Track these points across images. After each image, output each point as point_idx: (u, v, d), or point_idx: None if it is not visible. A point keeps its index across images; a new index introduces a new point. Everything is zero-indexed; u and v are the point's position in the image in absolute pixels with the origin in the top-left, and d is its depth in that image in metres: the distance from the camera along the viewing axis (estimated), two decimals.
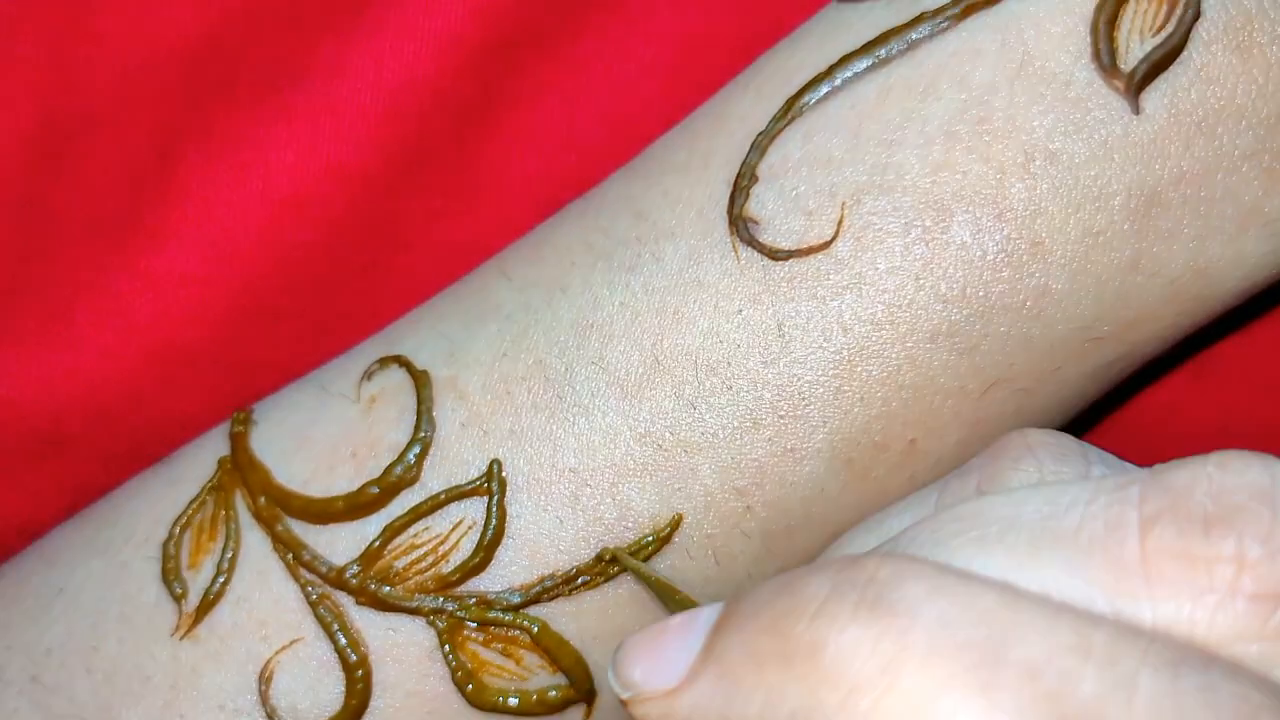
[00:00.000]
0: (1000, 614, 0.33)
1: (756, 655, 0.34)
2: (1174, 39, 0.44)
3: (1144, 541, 0.34)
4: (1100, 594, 0.34)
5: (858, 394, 0.44)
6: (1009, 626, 0.32)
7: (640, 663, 0.37)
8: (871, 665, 0.32)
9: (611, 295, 0.46)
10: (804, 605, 0.34)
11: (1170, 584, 0.34)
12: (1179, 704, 0.31)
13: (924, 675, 0.32)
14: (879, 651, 0.32)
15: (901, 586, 0.33)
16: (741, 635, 0.35)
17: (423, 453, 0.46)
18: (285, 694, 0.46)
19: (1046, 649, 0.32)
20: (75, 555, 0.49)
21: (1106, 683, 0.32)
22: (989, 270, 0.44)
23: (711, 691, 0.35)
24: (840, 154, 0.45)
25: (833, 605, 0.33)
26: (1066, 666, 0.32)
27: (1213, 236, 0.45)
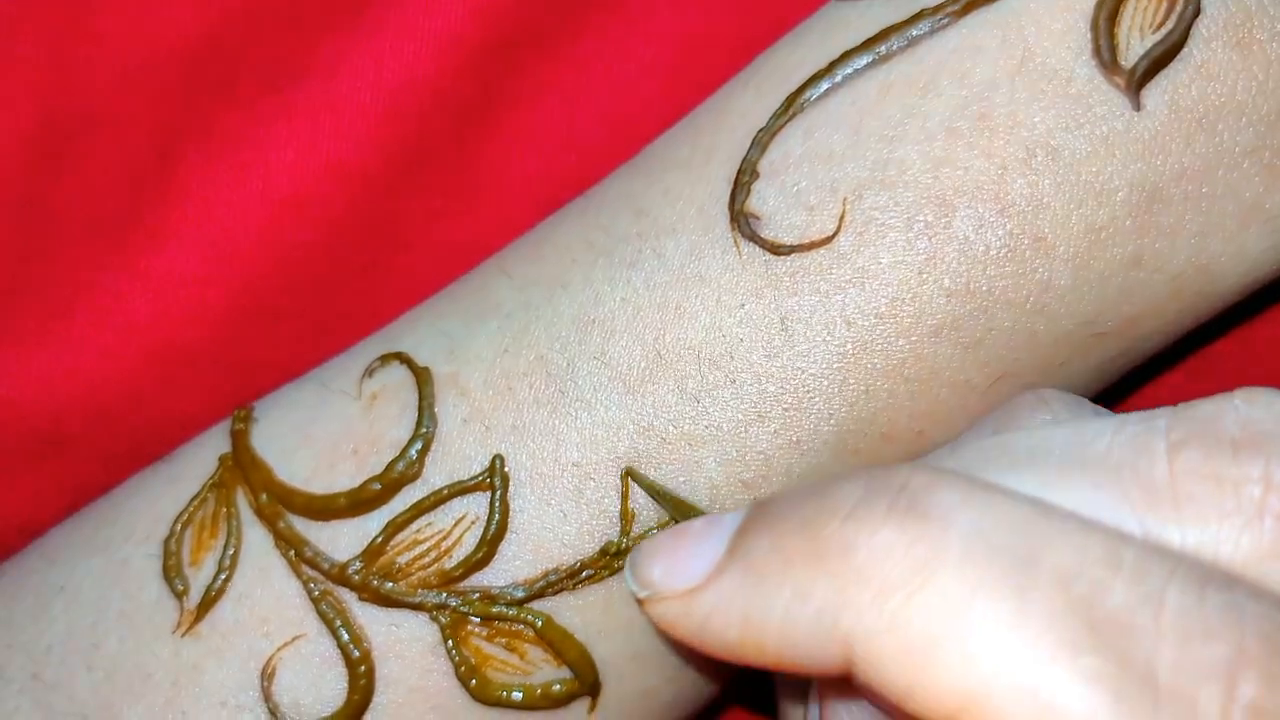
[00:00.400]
0: (1034, 524, 0.33)
1: (785, 553, 0.35)
2: (1174, 35, 0.44)
3: (1172, 464, 0.34)
4: (1130, 514, 0.34)
5: (863, 386, 0.45)
6: (1042, 536, 0.33)
7: (660, 562, 0.38)
8: (904, 567, 0.33)
9: (613, 291, 0.46)
10: (835, 508, 0.34)
11: (1198, 505, 0.34)
12: (1204, 620, 0.32)
13: (957, 578, 0.32)
14: (912, 554, 0.33)
15: (935, 494, 0.34)
16: (770, 535, 0.35)
17: (425, 449, 0.46)
18: (288, 690, 0.46)
19: (1078, 559, 0.33)
20: (76, 553, 0.49)
21: (1136, 595, 0.32)
22: (992, 265, 0.44)
23: (736, 588, 0.36)
24: (841, 150, 0.45)
25: (864, 509, 0.34)
26: (1097, 577, 0.32)
27: (1214, 233, 0.45)
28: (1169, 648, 0.32)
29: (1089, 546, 0.33)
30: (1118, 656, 0.31)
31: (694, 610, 0.37)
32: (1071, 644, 0.32)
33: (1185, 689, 0.31)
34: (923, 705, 0.33)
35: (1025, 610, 0.32)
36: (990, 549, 0.33)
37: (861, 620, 0.33)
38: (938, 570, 0.33)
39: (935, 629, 0.32)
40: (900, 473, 0.35)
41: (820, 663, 0.34)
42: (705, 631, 0.37)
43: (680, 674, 0.47)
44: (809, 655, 0.35)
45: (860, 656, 0.33)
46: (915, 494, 0.34)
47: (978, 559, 0.33)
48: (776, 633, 0.35)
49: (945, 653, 0.32)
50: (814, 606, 0.34)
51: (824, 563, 0.34)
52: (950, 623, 0.32)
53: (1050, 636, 0.32)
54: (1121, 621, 0.32)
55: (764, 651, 0.36)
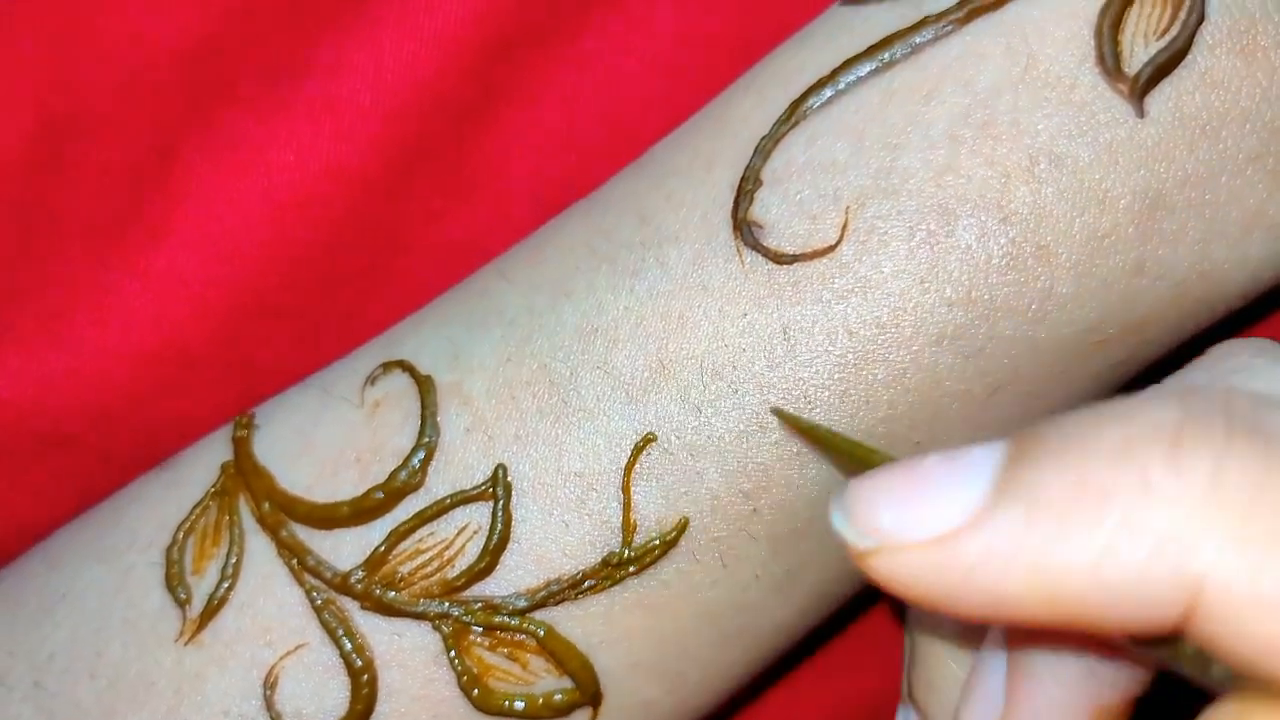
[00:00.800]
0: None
1: (1094, 485, 0.30)
2: (1178, 42, 0.44)
3: None
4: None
5: (863, 397, 0.45)
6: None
7: (891, 505, 0.32)
8: (1267, 497, 0.29)
9: (616, 300, 0.46)
10: (1154, 432, 0.30)
11: None
12: None
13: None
14: (1272, 482, 0.29)
15: (1271, 416, 0.30)
16: (1061, 466, 0.30)
17: (427, 458, 0.46)
18: (290, 699, 0.46)
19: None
20: (78, 560, 0.49)
21: None
22: (994, 274, 0.44)
23: (1020, 528, 0.30)
24: (844, 158, 0.45)
25: (1198, 431, 0.30)
26: None
27: (1217, 240, 0.45)
28: None
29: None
30: None
31: (954, 559, 0.31)
32: None
33: None
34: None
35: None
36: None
37: (1221, 560, 0.29)
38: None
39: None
40: (1216, 392, 0.30)
41: (1145, 617, 0.30)
42: (970, 584, 0.31)
43: (682, 685, 0.47)
44: (1131, 604, 0.30)
45: (1212, 604, 0.29)
46: (1248, 415, 0.30)
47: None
48: (1086, 577, 0.30)
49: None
50: (1149, 543, 0.29)
51: (1158, 492, 0.29)
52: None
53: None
54: None
55: (1060, 604, 0.30)
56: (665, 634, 0.46)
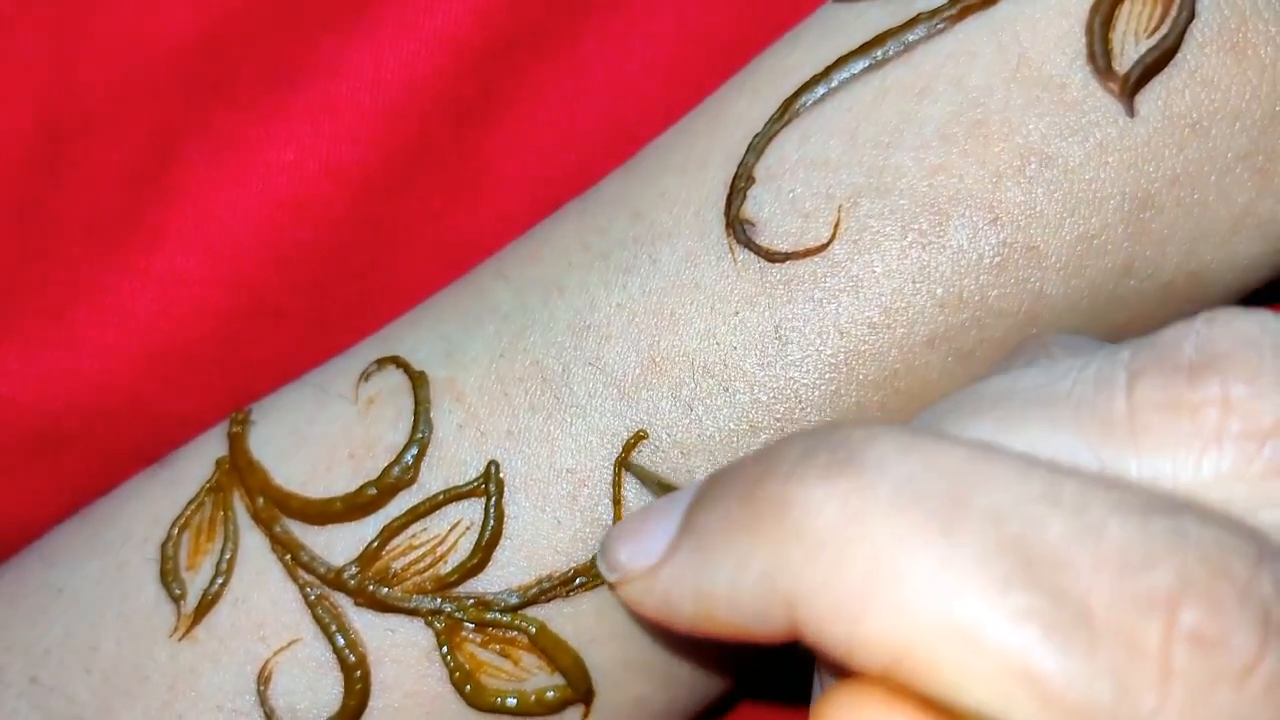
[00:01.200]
0: (968, 467, 0.33)
1: (728, 522, 0.34)
2: (1168, 41, 0.44)
3: (1130, 395, 0.34)
4: (1086, 451, 0.34)
5: (854, 398, 0.45)
6: (976, 478, 0.32)
7: (626, 545, 0.38)
8: (835, 520, 0.32)
9: (608, 296, 0.46)
10: (775, 469, 0.34)
11: (1155, 434, 0.33)
12: (1146, 548, 0.31)
13: (886, 525, 0.32)
14: (845, 507, 0.32)
15: (871, 447, 0.33)
16: (715, 506, 0.35)
17: (420, 454, 0.46)
18: (284, 694, 0.46)
19: (1013, 497, 0.32)
20: (74, 556, 0.49)
21: (1073, 529, 0.31)
22: (985, 274, 0.44)
23: (685, 565, 0.36)
24: (837, 156, 0.45)
25: (803, 467, 0.33)
26: (1032, 513, 0.32)
27: (1205, 239, 0.45)
28: (1107, 579, 0.31)
29: (1027, 484, 0.32)
30: (1051, 591, 0.31)
31: (654, 588, 0.37)
32: (1000, 581, 0.31)
33: (1123, 621, 0.31)
34: (864, 658, 0.32)
35: (953, 552, 0.31)
36: (921, 493, 0.32)
37: (799, 579, 0.33)
38: (868, 520, 0.32)
39: (868, 579, 0.32)
40: (839, 430, 0.34)
41: (770, 628, 0.34)
42: (667, 609, 0.37)
43: (673, 682, 0.47)
44: (757, 622, 0.34)
45: (802, 617, 0.33)
46: (852, 448, 0.33)
47: (907, 504, 0.32)
48: (725, 603, 0.35)
49: (878, 603, 0.32)
50: (755, 571, 0.33)
51: (761, 526, 0.33)
52: (881, 571, 0.32)
53: (978, 576, 0.31)
54: (1057, 556, 0.31)
55: (717, 623, 0.35)
56: (658, 631, 0.46)
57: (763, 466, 0.34)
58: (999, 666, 0.31)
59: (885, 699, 0.32)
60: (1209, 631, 0.31)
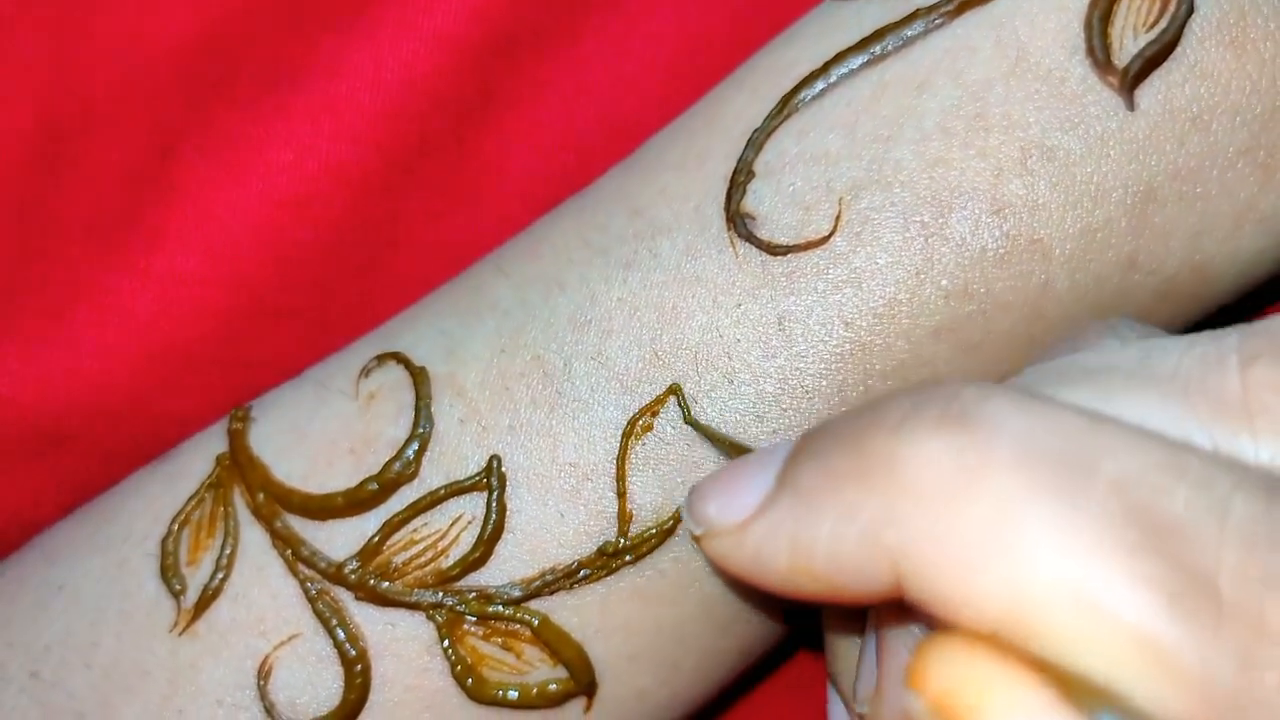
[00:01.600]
0: (1091, 431, 0.32)
1: (832, 475, 0.34)
2: (1168, 35, 0.44)
3: (1244, 377, 0.33)
4: (1198, 427, 0.33)
5: (861, 387, 0.45)
6: (1099, 442, 0.32)
7: (716, 498, 0.37)
8: (952, 474, 0.32)
9: (609, 291, 0.46)
10: (882, 422, 0.33)
11: (1271, 416, 0.33)
12: (1273, 529, 0.31)
13: (1007, 483, 0.31)
14: (961, 462, 0.32)
15: (986, 404, 0.33)
16: (817, 458, 0.34)
17: (421, 449, 0.46)
18: (284, 689, 0.46)
19: (1138, 465, 0.31)
20: (75, 552, 0.49)
21: (1199, 502, 0.31)
22: (990, 266, 0.44)
23: (783, 517, 0.35)
24: (836, 150, 0.45)
25: (913, 420, 0.33)
26: (1158, 482, 0.31)
27: (1208, 233, 0.45)
28: (1233, 555, 0.30)
29: (1150, 452, 0.32)
30: (1177, 562, 0.30)
31: (746, 543, 0.36)
32: (1127, 548, 0.30)
33: (1250, 598, 0.30)
34: (973, 615, 0.31)
35: (1078, 515, 0.31)
36: (1043, 453, 0.31)
37: (908, 533, 0.32)
38: (986, 476, 0.31)
39: (984, 536, 0.31)
40: (950, 385, 0.33)
41: (869, 584, 0.33)
42: (758, 564, 0.36)
43: (676, 676, 0.47)
44: (859, 578, 0.33)
45: (909, 571, 0.32)
46: (964, 404, 0.33)
47: (1029, 464, 0.31)
48: (825, 557, 0.34)
49: (994, 559, 0.31)
50: (860, 524, 0.33)
51: (869, 478, 0.33)
52: (999, 529, 0.31)
53: (1104, 540, 0.30)
54: (1183, 528, 0.31)
55: (814, 579, 0.35)
56: (661, 624, 0.46)
57: (866, 420, 0.34)
58: (1120, 633, 0.30)
59: (989, 654, 0.32)
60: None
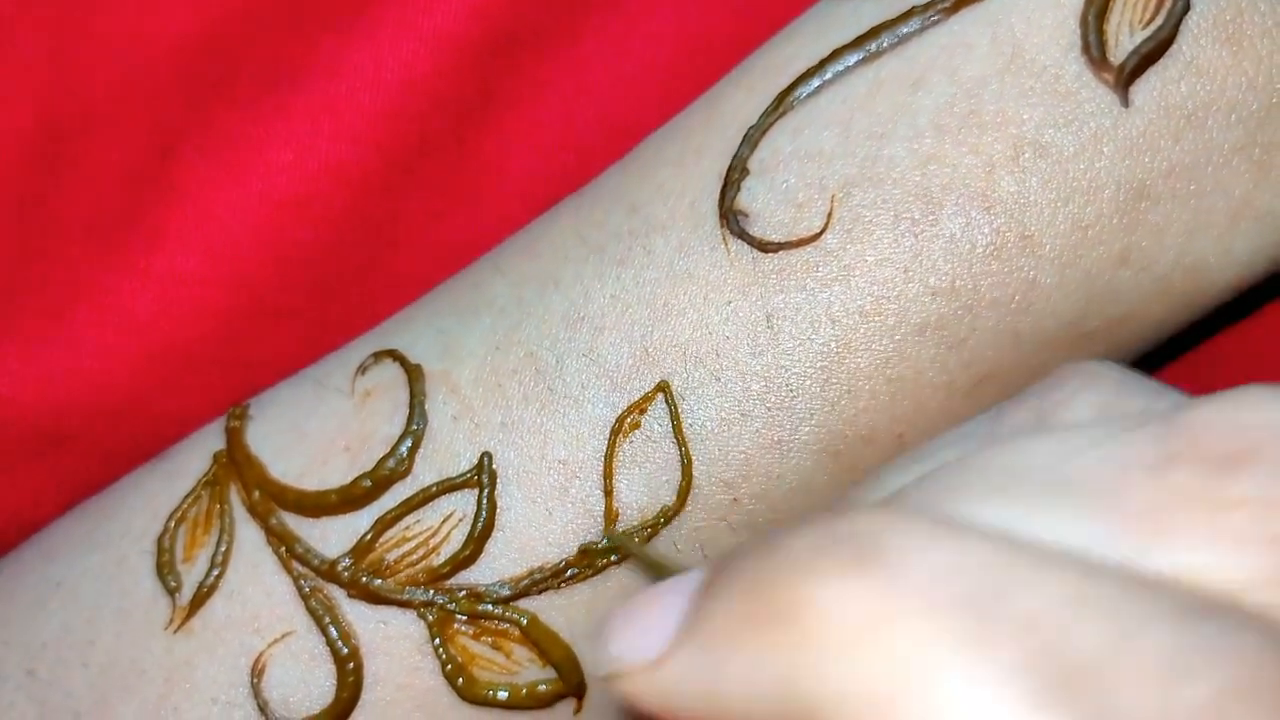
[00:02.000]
0: (996, 566, 0.31)
1: (738, 620, 0.32)
2: (1163, 31, 0.44)
3: (1159, 485, 0.32)
4: (1110, 543, 0.32)
5: (845, 386, 0.44)
6: (1006, 578, 0.31)
7: (622, 635, 0.35)
8: (857, 621, 0.30)
9: (603, 288, 0.46)
10: (787, 563, 0.32)
11: (1185, 530, 0.32)
12: (1187, 655, 0.29)
13: (913, 629, 0.30)
14: (865, 606, 0.30)
15: (891, 539, 0.31)
16: (723, 600, 0.33)
17: (414, 446, 0.46)
18: (277, 686, 0.46)
19: (1045, 601, 0.30)
20: (73, 550, 0.49)
21: (1109, 637, 0.30)
22: (978, 263, 0.44)
23: (693, 663, 0.33)
24: (830, 147, 0.45)
25: (817, 561, 0.31)
26: (1066, 618, 0.30)
27: (1203, 231, 0.45)
28: (1147, 692, 0.29)
29: (1058, 585, 0.30)
30: (1087, 707, 0.29)
31: (655, 685, 0.34)
32: (1034, 696, 0.29)
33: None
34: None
35: (986, 662, 0.29)
36: (951, 596, 0.30)
37: (821, 684, 0.31)
38: (894, 624, 0.30)
39: (893, 688, 0.30)
40: (857, 518, 0.32)
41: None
42: (670, 709, 0.34)
43: None
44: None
45: None
46: (870, 540, 0.31)
47: (937, 609, 0.30)
48: (740, 706, 0.32)
49: (906, 711, 0.30)
50: (771, 675, 0.31)
51: (775, 628, 0.31)
52: (910, 680, 0.30)
53: (1013, 691, 0.29)
54: (1093, 668, 0.29)
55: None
56: None
57: (771, 559, 0.32)
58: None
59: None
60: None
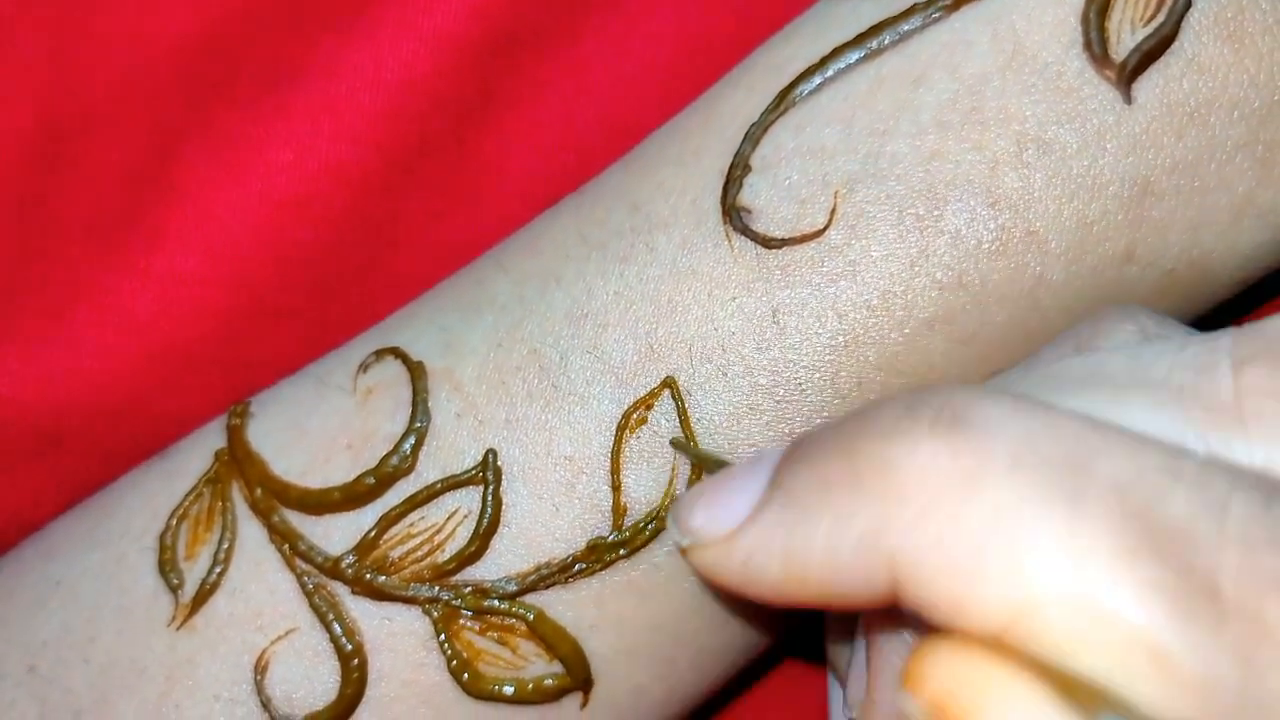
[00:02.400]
0: (1086, 436, 0.32)
1: (824, 480, 0.33)
2: (1165, 28, 0.44)
3: (1238, 381, 0.33)
4: (1192, 432, 0.33)
5: (855, 379, 0.45)
6: (1095, 447, 0.32)
7: (703, 509, 0.36)
8: (949, 479, 0.31)
9: (605, 285, 0.46)
10: (875, 427, 0.33)
11: (1264, 421, 0.33)
12: (1272, 527, 0.30)
13: (1005, 487, 0.31)
14: (957, 466, 0.31)
15: (980, 408, 0.32)
16: (808, 464, 0.34)
17: (418, 443, 0.46)
18: (280, 684, 0.46)
19: (1135, 469, 0.31)
20: (73, 548, 0.49)
21: (1197, 504, 0.31)
22: (985, 259, 0.44)
23: (774, 525, 0.34)
24: (833, 144, 0.45)
25: (906, 424, 0.32)
26: (1156, 485, 0.31)
27: (1206, 227, 0.45)
28: (1234, 556, 0.30)
29: (1147, 456, 0.31)
30: (1178, 565, 0.30)
31: (735, 553, 0.35)
32: (1128, 552, 0.30)
33: (1251, 599, 0.30)
34: (972, 621, 0.31)
35: (1078, 518, 0.30)
36: (1040, 457, 0.31)
37: (906, 538, 0.32)
38: (984, 480, 0.31)
39: (983, 540, 0.31)
40: (943, 390, 0.33)
41: (867, 591, 0.33)
42: (748, 573, 0.35)
43: (672, 672, 0.47)
44: (855, 584, 0.33)
45: (906, 577, 0.32)
46: (959, 408, 0.32)
47: (1026, 467, 0.31)
48: (819, 564, 0.33)
49: (994, 564, 0.31)
50: (856, 530, 0.32)
51: (864, 484, 0.32)
52: (998, 533, 0.31)
53: (1105, 544, 0.30)
54: (1182, 530, 0.30)
55: (808, 586, 0.34)
56: (656, 618, 0.46)
57: (858, 425, 0.33)
58: (1123, 637, 0.30)
59: (988, 657, 0.31)
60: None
